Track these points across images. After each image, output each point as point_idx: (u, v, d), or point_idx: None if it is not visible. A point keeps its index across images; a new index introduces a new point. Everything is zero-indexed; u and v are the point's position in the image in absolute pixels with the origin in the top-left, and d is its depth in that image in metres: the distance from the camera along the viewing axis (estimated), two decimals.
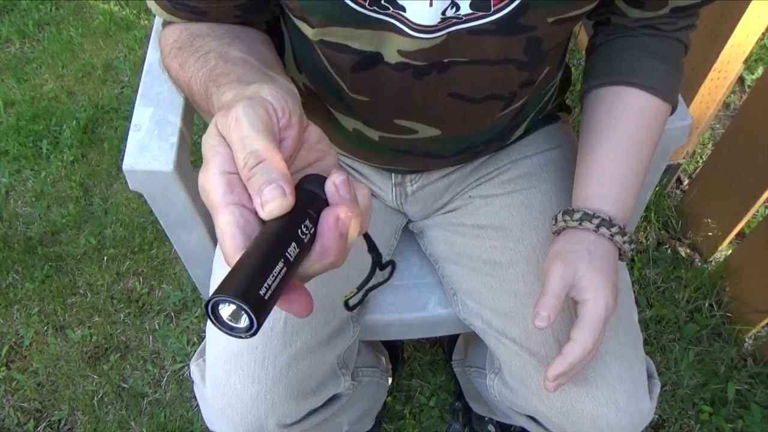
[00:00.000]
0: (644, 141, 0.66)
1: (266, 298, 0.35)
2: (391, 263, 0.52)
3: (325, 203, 0.40)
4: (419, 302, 0.88)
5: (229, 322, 0.36)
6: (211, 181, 0.38)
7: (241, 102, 0.40)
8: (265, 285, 0.35)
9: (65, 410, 1.30)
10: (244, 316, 0.35)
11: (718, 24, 1.17)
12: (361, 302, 0.56)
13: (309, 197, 0.40)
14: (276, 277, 0.35)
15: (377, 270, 0.51)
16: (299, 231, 0.38)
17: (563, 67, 0.80)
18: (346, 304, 0.53)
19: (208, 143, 0.40)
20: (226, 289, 0.34)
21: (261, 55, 0.56)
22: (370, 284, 0.54)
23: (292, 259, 0.37)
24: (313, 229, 0.39)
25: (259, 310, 0.34)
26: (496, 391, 0.80)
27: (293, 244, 0.37)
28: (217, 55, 0.53)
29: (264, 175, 0.37)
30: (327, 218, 0.39)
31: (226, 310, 0.36)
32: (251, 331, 0.35)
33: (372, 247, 0.48)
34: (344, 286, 0.76)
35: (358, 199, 0.40)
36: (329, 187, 0.40)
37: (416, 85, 0.62)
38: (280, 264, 0.36)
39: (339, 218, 0.38)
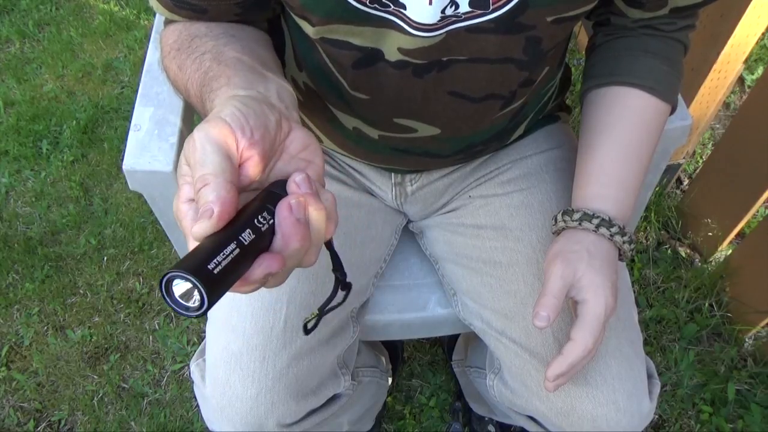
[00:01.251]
0: (644, 141, 0.66)
1: (215, 272, 0.36)
2: (347, 284, 0.53)
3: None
4: (419, 302, 0.88)
5: (182, 301, 0.37)
6: (179, 209, 0.41)
7: (198, 127, 0.42)
8: (215, 261, 0.36)
9: (65, 410, 1.30)
10: (196, 294, 0.36)
11: (718, 24, 1.17)
12: (316, 326, 0.57)
13: (270, 197, 0.42)
14: (227, 256, 0.37)
15: (339, 291, 0.52)
16: (255, 220, 0.40)
17: (563, 67, 0.80)
18: (305, 327, 0.55)
19: (179, 171, 0.43)
20: (176, 265, 0.35)
21: (257, 54, 0.56)
22: (327, 306, 0.55)
23: (246, 243, 0.38)
24: (271, 220, 0.41)
25: (208, 284, 0.35)
26: (496, 391, 0.80)
27: (248, 230, 0.39)
28: (211, 57, 0.54)
29: (202, 199, 0.39)
30: (281, 207, 0.41)
31: (179, 288, 0.37)
32: (202, 309, 0.36)
33: (337, 267, 0.50)
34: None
35: (322, 199, 0.43)
36: (290, 185, 0.42)
37: (416, 83, 0.62)
38: (233, 245, 0.37)
39: (291, 204, 0.41)
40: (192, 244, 0.39)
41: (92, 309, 1.43)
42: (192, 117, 0.83)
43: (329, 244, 0.48)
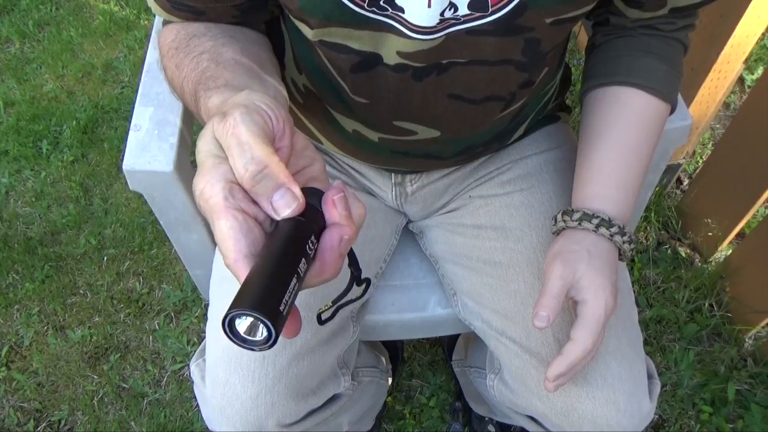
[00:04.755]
0: (644, 141, 0.66)
1: (284, 313, 0.35)
2: (366, 280, 0.53)
3: (322, 217, 0.41)
4: (419, 302, 0.88)
5: (245, 336, 0.36)
6: (213, 186, 0.39)
7: (237, 109, 0.40)
8: (284, 301, 0.35)
9: (65, 410, 1.30)
10: (262, 329, 0.35)
11: (718, 24, 1.17)
12: (332, 317, 0.57)
13: (310, 211, 0.41)
14: (292, 293, 0.36)
15: (354, 285, 0.51)
16: (307, 246, 0.39)
17: (563, 67, 0.80)
18: (318, 317, 0.54)
19: (205, 149, 0.40)
20: (249, 303, 0.34)
21: (255, 56, 0.56)
22: (343, 300, 0.54)
23: (302, 275, 0.38)
24: (317, 244, 0.40)
25: (279, 325, 0.35)
26: (496, 391, 0.81)
27: (303, 259, 0.38)
28: (209, 57, 0.53)
29: (270, 181, 0.38)
30: (331, 237, 0.39)
31: (243, 324, 0.36)
32: (268, 344, 0.36)
33: (353, 262, 0.49)
34: (344, 285, 0.76)
35: (353, 215, 0.41)
36: (327, 202, 0.40)
37: (416, 86, 0.62)
38: (294, 279, 0.37)
39: (342, 239, 0.39)
40: (226, 224, 0.38)
41: (92, 309, 1.43)
42: (192, 117, 0.83)
43: None
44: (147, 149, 0.76)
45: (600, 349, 0.68)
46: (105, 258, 1.50)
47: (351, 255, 0.48)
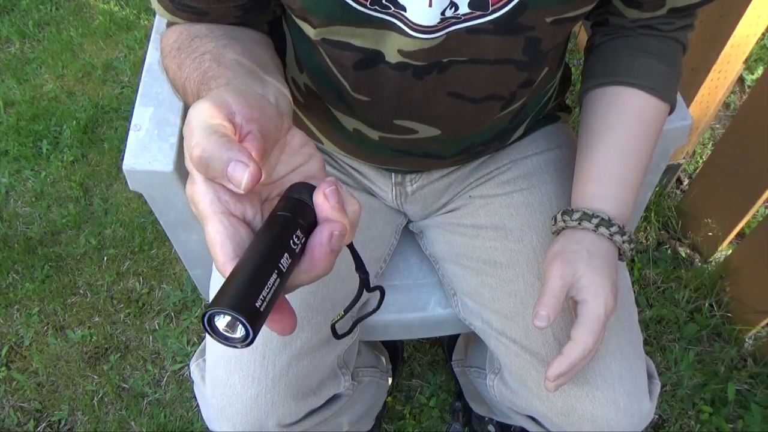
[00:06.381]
0: (643, 141, 0.66)
1: (261, 309, 0.35)
2: (379, 288, 0.52)
3: (313, 212, 0.40)
4: (419, 302, 0.88)
5: (225, 333, 0.37)
6: (198, 191, 0.39)
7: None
8: (261, 297, 0.35)
9: (65, 410, 1.30)
10: (240, 326, 0.35)
11: (718, 24, 1.17)
12: (349, 332, 0.56)
13: (298, 206, 0.40)
14: (270, 289, 0.36)
15: (365, 292, 0.50)
16: (291, 242, 0.38)
17: (563, 67, 0.80)
18: (333, 329, 0.54)
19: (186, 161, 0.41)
20: (223, 301, 0.34)
21: (256, 56, 0.56)
22: (360, 314, 0.54)
23: (284, 270, 0.37)
24: (303, 239, 0.39)
25: (255, 322, 0.35)
26: (496, 392, 0.81)
27: (285, 254, 0.38)
28: (211, 57, 0.54)
29: (216, 161, 0.37)
30: (320, 233, 0.39)
31: (222, 322, 0.36)
32: (246, 341, 0.36)
33: (359, 266, 0.48)
34: (344, 287, 0.77)
35: (347, 211, 0.40)
36: (318, 197, 0.40)
37: (416, 85, 0.62)
38: (274, 275, 0.36)
39: (333, 234, 0.39)
40: (213, 229, 0.38)
41: (92, 309, 1.43)
42: None
43: (350, 245, 0.46)
44: (147, 149, 0.76)
45: (600, 349, 0.68)
46: (105, 258, 1.50)
47: (357, 259, 0.48)
